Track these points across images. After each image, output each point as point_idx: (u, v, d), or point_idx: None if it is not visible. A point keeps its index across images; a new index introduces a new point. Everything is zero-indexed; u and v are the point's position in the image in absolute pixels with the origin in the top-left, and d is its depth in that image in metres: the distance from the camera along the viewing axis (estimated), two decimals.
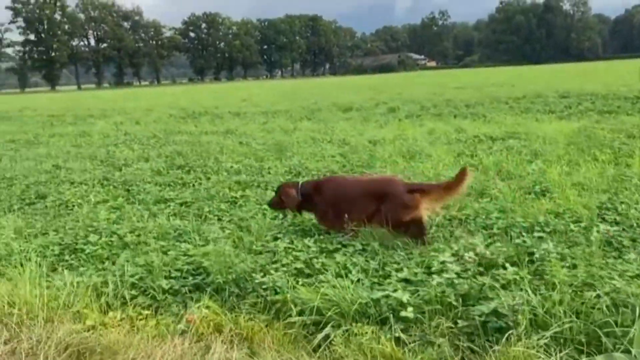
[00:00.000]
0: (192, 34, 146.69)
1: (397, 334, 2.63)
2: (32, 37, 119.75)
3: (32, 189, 6.63)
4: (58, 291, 3.18)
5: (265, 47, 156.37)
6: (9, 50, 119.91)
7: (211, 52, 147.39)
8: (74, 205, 5.80)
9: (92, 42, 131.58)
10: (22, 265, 3.59)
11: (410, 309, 2.74)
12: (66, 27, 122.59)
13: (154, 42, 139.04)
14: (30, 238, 4.41)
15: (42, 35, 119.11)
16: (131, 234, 4.39)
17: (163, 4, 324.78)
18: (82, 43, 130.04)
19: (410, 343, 2.57)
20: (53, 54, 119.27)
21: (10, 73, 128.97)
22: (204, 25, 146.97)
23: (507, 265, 3.21)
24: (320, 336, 2.71)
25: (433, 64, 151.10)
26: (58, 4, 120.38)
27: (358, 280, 3.16)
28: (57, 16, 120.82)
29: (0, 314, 2.99)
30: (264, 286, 3.14)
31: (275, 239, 4.10)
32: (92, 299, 3.15)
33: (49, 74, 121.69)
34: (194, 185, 6.66)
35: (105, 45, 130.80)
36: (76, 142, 12.24)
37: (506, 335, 2.50)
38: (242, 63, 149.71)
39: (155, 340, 2.75)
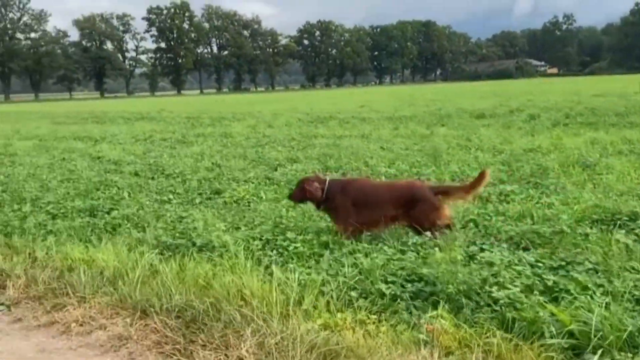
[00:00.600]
0: (306, 42, 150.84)
1: None
2: (162, 45, 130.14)
3: (205, 185, 6.99)
4: (284, 286, 3.18)
5: (375, 53, 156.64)
6: (143, 57, 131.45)
7: (323, 59, 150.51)
8: (249, 202, 5.98)
9: (215, 49, 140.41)
10: (236, 256, 3.69)
11: None
12: (193, 35, 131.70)
13: (271, 50, 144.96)
14: (230, 231, 4.56)
15: (172, 43, 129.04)
16: (325, 235, 4.37)
17: (280, 13, 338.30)
18: (205, 50, 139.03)
19: None
20: (180, 60, 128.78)
21: (143, 78, 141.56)
22: (317, 32, 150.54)
23: None
24: None
25: (554, 70, 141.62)
26: (187, 14, 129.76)
27: (606, 305, 2.81)
28: (186, 25, 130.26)
29: (235, 304, 3.03)
30: (500, 301, 2.90)
31: (482, 249, 3.84)
32: (317, 298, 3.12)
33: (176, 79, 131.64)
34: None
35: (226, 52, 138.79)
36: (223, 143, 12.90)
37: None
38: (352, 69, 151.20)
39: (397, 348, 2.62)
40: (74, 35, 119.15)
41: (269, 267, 3.70)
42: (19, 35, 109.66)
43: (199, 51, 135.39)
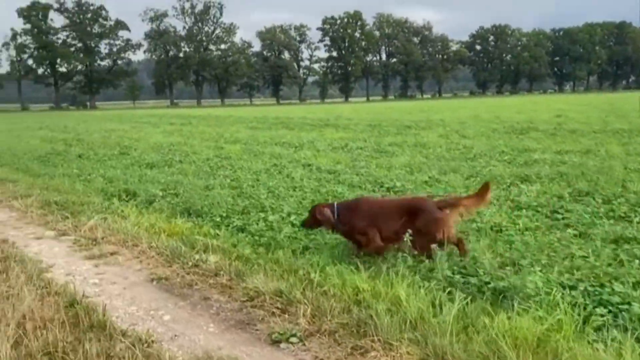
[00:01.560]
0: (478, 47, 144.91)
1: None
2: (334, 53, 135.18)
3: None
4: None
5: (556, 58, 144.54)
6: (316, 66, 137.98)
7: (496, 64, 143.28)
8: (502, 229, 5.21)
9: (384, 57, 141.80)
10: (552, 308, 2.92)
11: None
12: (363, 43, 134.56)
13: (440, 56, 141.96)
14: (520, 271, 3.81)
15: (343, 52, 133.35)
16: None
17: (451, 18, 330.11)
18: (374, 58, 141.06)
19: None
20: (350, 68, 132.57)
21: (314, 86, 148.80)
22: (491, 37, 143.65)
23: None
24: None
25: None
26: (359, 23, 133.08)
27: None
28: (357, 34, 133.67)
29: None
30: None
31: None
32: None
33: (345, 87, 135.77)
34: None
35: (394, 59, 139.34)
36: (423, 153, 12.28)
37: None
38: (528, 75, 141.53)
39: None
40: (257, 45, 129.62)
41: (600, 331, 2.88)
42: (211, 47, 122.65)
43: (367, 59, 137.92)
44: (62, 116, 53.28)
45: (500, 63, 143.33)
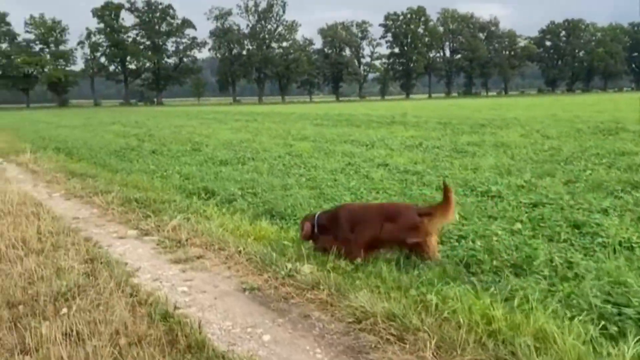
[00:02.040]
0: (548, 43, 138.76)
1: None
2: (396, 50, 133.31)
3: (557, 215, 5.67)
4: None
5: (634, 54, 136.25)
6: (377, 62, 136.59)
7: (567, 61, 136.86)
8: None
9: (447, 53, 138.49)
10: None
11: None
12: (426, 39, 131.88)
13: (507, 52, 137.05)
14: None
15: (405, 48, 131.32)
16: None
17: (518, 14, 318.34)
18: (437, 54, 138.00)
19: None
20: (412, 65, 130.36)
21: (375, 82, 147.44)
22: (563, 32, 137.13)
23: None
24: None
25: None
26: (422, 18, 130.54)
27: None
28: (420, 30, 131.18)
29: None
30: None
31: None
32: None
33: (406, 84, 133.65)
34: None
35: (458, 56, 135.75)
36: (508, 154, 11.45)
37: None
38: (602, 73, 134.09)
39: None
40: (318, 43, 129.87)
41: None
42: (273, 44, 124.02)
43: (430, 55, 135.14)
44: (131, 112, 55.33)
45: (571, 59, 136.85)
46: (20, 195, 7.33)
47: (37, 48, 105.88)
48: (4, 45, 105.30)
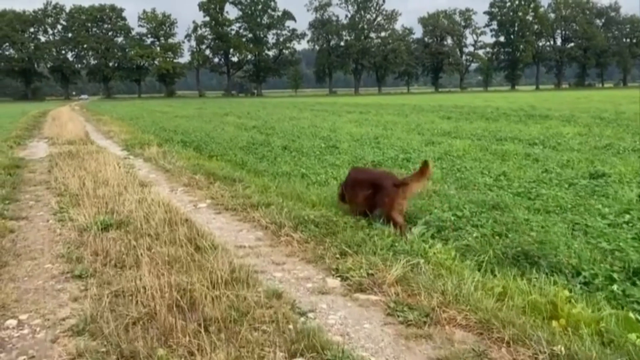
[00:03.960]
0: None
1: None
2: (502, 39, 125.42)
3: None
4: None
5: None
6: (480, 52, 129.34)
7: None
8: None
9: (559, 41, 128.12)
10: None
11: None
12: (535, 27, 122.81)
13: (628, 40, 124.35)
14: None
15: (511, 36, 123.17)
16: None
17: None
18: (547, 43, 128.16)
19: None
20: (518, 54, 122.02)
21: (476, 73, 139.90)
22: None
23: None
24: None
25: None
26: (532, 5, 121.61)
27: None
28: (529, 17, 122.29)
29: None
30: None
31: None
32: None
33: (511, 74, 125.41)
34: None
35: (571, 44, 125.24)
36: None
37: None
38: None
39: None
40: (418, 32, 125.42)
41: None
42: (372, 35, 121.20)
43: (540, 44, 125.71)
44: (237, 102, 55.58)
45: None
46: (163, 206, 5.78)
47: (148, 41, 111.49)
48: (120, 39, 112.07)
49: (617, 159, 9.28)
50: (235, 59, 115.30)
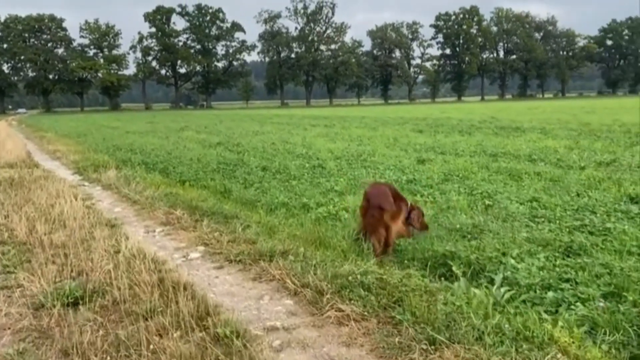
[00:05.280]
0: (609, 42, 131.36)
1: None
2: (447, 51, 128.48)
3: None
4: None
5: None
6: (427, 64, 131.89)
7: (630, 61, 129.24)
8: None
9: (501, 54, 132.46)
10: None
11: None
12: (479, 40, 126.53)
13: (565, 53, 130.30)
14: None
15: (457, 49, 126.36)
16: None
17: (576, 12, 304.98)
18: (491, 55, 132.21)
19: None
20: (464, 66, 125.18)
21: (425, 85, 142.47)
22: (625, 31, 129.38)
23: None
24: None
25: None
26: (475, 18, 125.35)
27: None
28: (473, 30, 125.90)
29: None
30: None
31: None
32: None
33: (458, 85, 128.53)
34: None
35: (513, 56, 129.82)
36: None
37: None
38: None
39: None
40: (367, 45, 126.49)
41: None
42: (322, 47, 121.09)
43: (484, 57, 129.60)
44: (189, 115, 53.34)
45: (635, 60, 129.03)
46: (149, 261, 4.34)
47: (91, 53, 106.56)
48: (60, 50, 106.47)
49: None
50: (183, 70, 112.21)
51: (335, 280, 3.88)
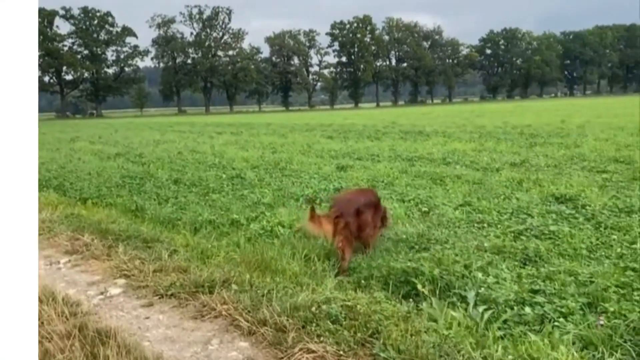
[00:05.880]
0: (488, 51, 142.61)
1: None
2: (344, 59, 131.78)
3: None
4: None
5: (567, 62, 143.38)
6: (325, 71, 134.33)
7: (507, 68, 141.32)
8: None
9: (394, 62, 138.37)
10: None
11: None
12: (373, 48, 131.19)
13: (450, 61, 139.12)
14: None
15: (352, 57, 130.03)
16: None
17: (455, 23, 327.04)
18: (384, 63, 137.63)
19: None
20: (359, 73, 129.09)
21: (324, 92, 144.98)
22: (502, 41, 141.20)
23: None
24: None
25: None
26: (369, 27, 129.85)
27: None
28: (367, 39, 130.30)
29: None
30: None
31: None
32: None
33: (354, 93, 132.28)
34: None
35: (405, 64, 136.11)
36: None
37: None
38: (539, 80, 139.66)
39: None
40: (266, 52, 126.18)
41: None
42: (220, 53, 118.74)
43: (377, 64, 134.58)
44: (79, 125, 49.34)
45: (510, 67, 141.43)
46: (61, 302, 3.50)
47: None
48: None
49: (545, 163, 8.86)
50: (69, 77, 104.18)
51: (297, 312, 3.33)
